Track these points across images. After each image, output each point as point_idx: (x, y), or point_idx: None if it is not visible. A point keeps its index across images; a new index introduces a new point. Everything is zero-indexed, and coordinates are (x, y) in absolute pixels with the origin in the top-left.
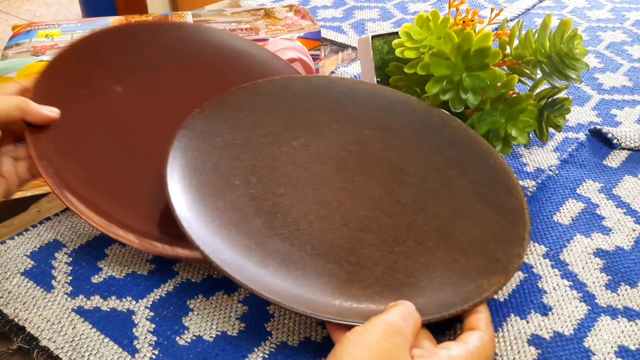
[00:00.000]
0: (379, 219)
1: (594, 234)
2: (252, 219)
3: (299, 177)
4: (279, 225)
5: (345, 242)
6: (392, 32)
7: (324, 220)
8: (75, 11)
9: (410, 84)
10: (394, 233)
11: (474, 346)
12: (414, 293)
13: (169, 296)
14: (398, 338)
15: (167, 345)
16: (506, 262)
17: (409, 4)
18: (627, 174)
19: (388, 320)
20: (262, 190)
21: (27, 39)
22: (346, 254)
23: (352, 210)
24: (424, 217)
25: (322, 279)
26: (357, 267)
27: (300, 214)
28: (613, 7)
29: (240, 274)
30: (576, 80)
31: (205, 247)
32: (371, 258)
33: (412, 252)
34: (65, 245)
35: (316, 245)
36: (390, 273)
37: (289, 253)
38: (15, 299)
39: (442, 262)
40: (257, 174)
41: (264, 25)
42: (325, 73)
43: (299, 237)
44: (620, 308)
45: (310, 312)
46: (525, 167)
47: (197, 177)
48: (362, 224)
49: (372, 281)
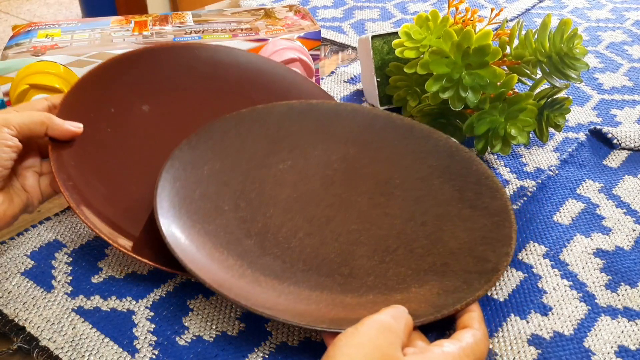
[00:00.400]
0: (368, 231)
1: (594, 234)
2: (243, 240)
3: (287, 198)
4: (270, 244)
5: (337, 255)
6: (392, 32)
7: (314, 237)
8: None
9: (410, 83)
10: (384, 243)
11: (466, 343)
12: (407, 298)
13: (169, 296)
14: (389, 335)
15: (167, 345)
16: (495, 261)
17: (409, 4)
18: (627, 174)
19: (379, 319)
20: (251, 212)
21: (27, 39)
22: (338, 266)
23: (342, 225)
24: (413, 225)
25: (315, 292)
26: (350, 278)
27: (291, 233)
28: (613, 7)
29: (234, 293)
30: (576, 80)
31: (198, 270)
32: (363, 268)
33: (402, 260)
34: (65, 245)
35: (308, 261)
36: (383, 281)
37: (281, 270)
38: (15, 299)
39: (433, 266)
40: (246, 198)
41: (264, 25)
42: (325, 73)
43: (290, 255)
44: (620, 308)
45: (305, 323)
46: (525, 167)
47: (187, 205)
48: (352, 237)
49: (364, 290)
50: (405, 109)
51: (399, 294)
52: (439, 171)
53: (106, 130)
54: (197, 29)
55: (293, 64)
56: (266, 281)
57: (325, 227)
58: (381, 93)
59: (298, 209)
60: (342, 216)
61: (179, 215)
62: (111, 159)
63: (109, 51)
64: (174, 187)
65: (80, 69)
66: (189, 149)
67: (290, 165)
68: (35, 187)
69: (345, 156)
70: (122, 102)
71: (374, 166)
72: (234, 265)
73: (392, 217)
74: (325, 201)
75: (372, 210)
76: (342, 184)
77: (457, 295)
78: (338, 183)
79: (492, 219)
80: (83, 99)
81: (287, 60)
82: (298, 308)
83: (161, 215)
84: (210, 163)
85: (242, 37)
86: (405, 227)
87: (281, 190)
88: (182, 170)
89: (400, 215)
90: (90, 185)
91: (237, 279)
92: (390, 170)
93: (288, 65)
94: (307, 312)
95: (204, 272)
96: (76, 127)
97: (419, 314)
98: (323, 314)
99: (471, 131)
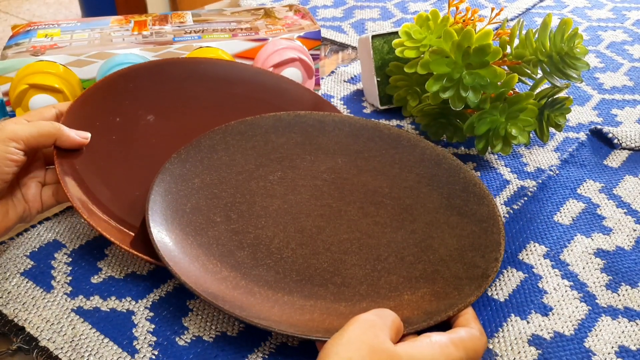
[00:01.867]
0: (359, 240)
1: (595, 234)
2: (235, 252)
3: (277, 209)
4: (263, 255)
5: (329, 265)
6: (392, 32)
7: (306, 247)
8: (75, 11)
9: (411, 83)
10: (375, 252)
11: (458, 335)
12: (399, 305)
13: (169, 296)
14: (375, 330)
15: (166, 345)
16: (485, 267)
17: (409, 3)
18: (628, 174)
19: (362, 318)
20: (243, 224)
21: (27, 38)
22: (331, 276)
23: (333, 235)
24: (402, 233)
25: (309, 301)
26: (342, 287)
27: (283, 243)
28: (613, 6)
29: (229, 304)
30: (577, 79)
31: (192, 283)
32: (355, 277)
33: (394, 268)
34: (64, 246)
35: (301, 271)
36: (375, 289)
37: (274, 281)
38: (15, 299)
39: (424, 274)
40: (237, 210)
41: (264, 25)
42: (325, 73)
43: (283, 265)
44: (621, 308)
45: (300, 333)
46: (525, 167)
47: (179, 218)
48: (343, 247)
49: (358, 299)
50: (405, 108)
51: (392, 302)
52: (426, 179)
53: (111, 138)
54: (197, 28)
55: (293, 64)
56: (260, 292)
57: (316, 237)
58: (381, 93)
59: (289, 220)
60: (333, 226)
61: (171, 228)
62: (115, 165)
63: (108, 51)
64: (165, 200)
65: (80, 69)
66: (179, 163)
67: (279, 177)
68: (36, 197)
69: (333, 167)
70: (127, 112)
71: (362, 176)
72: (228, 277)
73: (382, 226)
74: (315, 212)
75: (362, 220)
76: (332, 194)
77: (449, 302)
78: (328, 193)
79: (480, 225)
80: (89, 108)
81: (287, 59)
82: (293, 318)
83: (153, 228)
84: (201, 176)
85: (241, 36)
86: (396, 236)
87: (271, 202)
88: (173, 184)
89: (390, 224)
90: (94, 187)
91: (231, 290)
92: (378, 180)
93: (288, 65)
94: (301, 321)
95: (198, 285)
96: (84, 138)
97: (411, 320)
98: (317, 324)
99: (472, 131)
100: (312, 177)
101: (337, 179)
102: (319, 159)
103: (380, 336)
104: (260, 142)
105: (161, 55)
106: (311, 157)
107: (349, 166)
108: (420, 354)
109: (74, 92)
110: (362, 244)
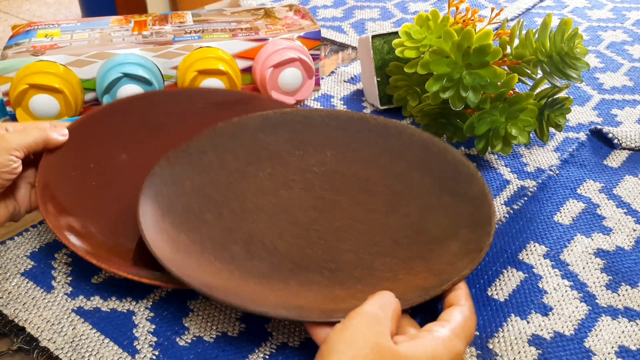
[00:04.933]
0: (352, 227)
1: (595, 234)
2: (229, 246)
3: (269, 204)
4: (257, 248)
5: (323, 252)
6: (392, 32)
7: (300, 238)
8: (75, 11)
9: (411, 83)
10: (369, 237)
11: (455, 323)
12: (394, 284)
13: (169, 297)
14: (379, 326)
15: (167, 345)
16: (478, 241)
17: (409, 3)
18: (628, 174)
19: (366, 311)
20: (235, 221)
21: (27, 38)
22: (325, 262)
23: (326, 225)
24: (396, 217)
25: (304, 287)
26: (337, 272)
27: (276, 236)
28: (613, 6)
29: (224, 293)
30: (577, 79)
31: (187, 277)
32: (349, 262)
33: (388, 251)
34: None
35: (295, 261)
36: (370, 271)
37: (269, 271)
38: (15, 300)
39: (419, 253)
40: (229, 207)
41: (264, 25)
42: (325, 73)
43: (277, 256)
44: (621, 308)
45: (296, 316)
46: (525, 167)
47: (171, 217)
48: (337, 235)
49: (353, 282)
50: (405, 108)
51: (387, 282)
52: (416, 164)
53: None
54: (197, 28)
55: (293, 64)
56: (255, 281)
57: (310, 228)
58: (381, 93)
59: (282, 214)
60: (326, 217)
61: (163, 227)
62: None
63: (108, 51)
64: (156, 202)
65: (80, 69)
66: (168, 166)
67: (270, 173)
68: (25, 197)
69: (323, 160)
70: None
71: (352, 166)
72: (222, 270)
73: (375, 213)
74: (308, 204)
75: (355, 208)
76: (323, 186)
77: (443, 277)
78: (319, 186)
79: (472, 203)
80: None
81: (287, 59)
82: (288, 303)
83: (145, 227)
84: (191, 178)
85: (242, 36)
86: (389, 220)
87: (263, 198)
88: (163, 186)
89: (383, 210)
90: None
91: (225, 282)
92: (369, 169)
93: (288, 65)
94: (297, 306)
95: (192, 279)
96: (63, 135)
97: (407, 297)
98: (313, 307)
99: (472, 131)
100: (302, 171)
101: (328, 171)
102: (308, 153)
103: (383, 332)
104: (249, 142)
105: (161, 54)
106: (300, 152)
107: (338, 158)
108: (423, 353)
109: (74, 92)
110: (356, 231)
